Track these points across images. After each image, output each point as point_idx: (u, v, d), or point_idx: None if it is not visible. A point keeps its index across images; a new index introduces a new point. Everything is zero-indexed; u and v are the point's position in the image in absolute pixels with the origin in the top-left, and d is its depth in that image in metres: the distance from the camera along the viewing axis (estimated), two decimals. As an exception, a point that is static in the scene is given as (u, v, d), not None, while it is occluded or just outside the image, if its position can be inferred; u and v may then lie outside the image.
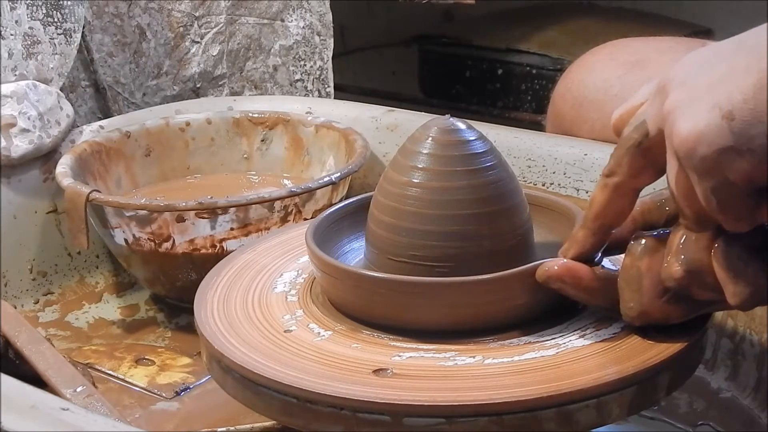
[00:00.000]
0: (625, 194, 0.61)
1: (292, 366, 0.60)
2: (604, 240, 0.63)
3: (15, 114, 0.99)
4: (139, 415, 0.81)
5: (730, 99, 0.51)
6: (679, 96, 0.54)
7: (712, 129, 0.52)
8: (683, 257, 0.57)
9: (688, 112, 0.53)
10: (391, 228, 0.66)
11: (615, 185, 0.60)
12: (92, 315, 0.99)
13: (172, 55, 1.22)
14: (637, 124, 0.59)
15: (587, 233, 0.62)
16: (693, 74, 0.55)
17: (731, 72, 0.52)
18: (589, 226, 0.62)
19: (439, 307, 0.62)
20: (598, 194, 0.61)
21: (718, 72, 0.53)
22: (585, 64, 1.00)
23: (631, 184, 0.60)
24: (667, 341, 0.61)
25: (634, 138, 0.59)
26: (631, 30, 1.24)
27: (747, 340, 0.81)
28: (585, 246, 0.63)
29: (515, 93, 1.74)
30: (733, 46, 0.54)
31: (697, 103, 0.53)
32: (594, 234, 0.62)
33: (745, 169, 0.52)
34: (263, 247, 0.77)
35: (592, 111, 0.96)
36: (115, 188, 1.03)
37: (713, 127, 0.52)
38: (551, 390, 0.57)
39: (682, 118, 0.53)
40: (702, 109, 0.52)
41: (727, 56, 0.53)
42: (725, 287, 0.56)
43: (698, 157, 0.53)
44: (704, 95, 0.53)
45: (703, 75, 0.54)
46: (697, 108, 0.53)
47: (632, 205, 0.62)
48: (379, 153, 1.05)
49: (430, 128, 0.67)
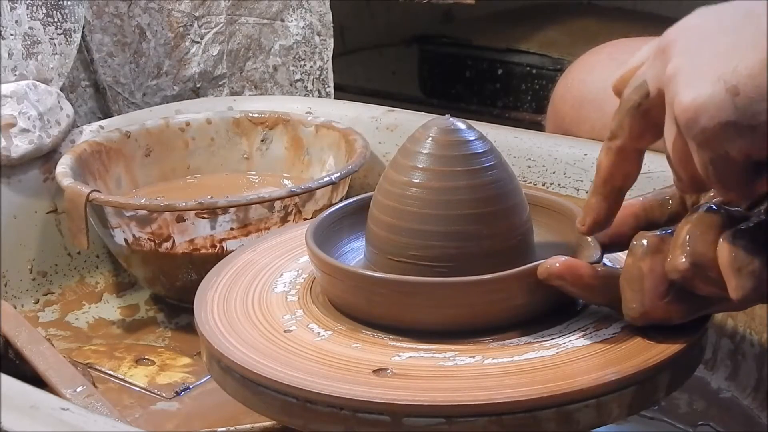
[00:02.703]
0: (630, 156, 0.60)
1: (292, 366, 0.60)
2: (618, 204, 0.62)
3: (15, 114, 0.99)
4: (139, 415, 0.81)
5: (735, 73, 0.51)
6: (681, 62, 0.54)
7: (715, 102, 0.51)
8: (689, 249, 0.57)
9: (692, 80, 0.53)
10: (391, 228, 0.66)
11: (618, 148, 0.60)
12: (92, 315, 0.99)
13: (172, 55, 1.22)
14: (636, 84, 0.58)
15: (599, 198, 0.62)
16: (697, 40, 0.54)
17: (738, 44, 0.52)
18: (600, 191, 0.62)
19: (439, 307, 0.62)
20: (603, 158, 0.61)
21: (724, 42, 0.52)
22: (585, 64, 1.00)
23: (635, 145, 0.60)
24: (667, 341, 0.61)
25: (633, 99, 0.58)
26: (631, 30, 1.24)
27: (747, 340, 0.81)
28: (600, 212, 0.62)
29: (515, 93, 1.74)
30: (741, 13, 0.53)
31: (701, 72, 0.52)
32: (606, 198, 0.62)
33: (745, 145, 0.52)
34: (263, 247, 0.77)
35: (591, 111, 0.96)
36: (115, 188, 1.03)
37: (716, 100, 0.51)
38: (551, 390, 0.57)
39: (684, 86, 0.53)
40: (706, 80, 0.52)
41: (735, 25, 0.53)
42: (728, 281, 0.56)
43: (699, 128, 0.52)
44: (708, 65, 0.52)
45: (708, 42, 0.53)
46: (701, 78, 0.52)
47: (638, 165, 0.61)
48: (379, 153, 1.05)
49: (430, 128, 0.67)
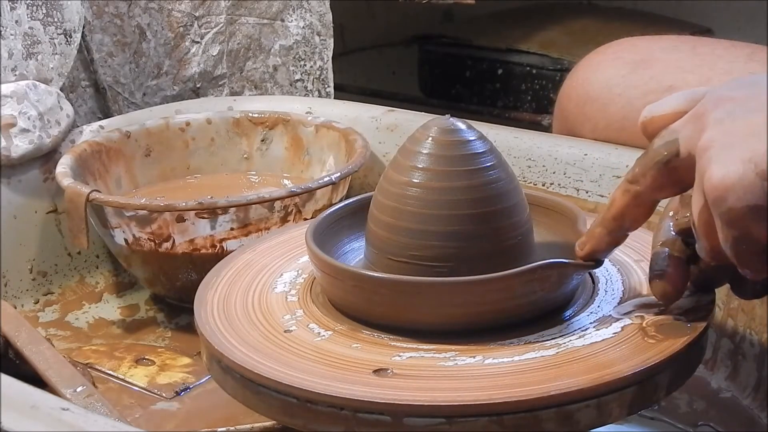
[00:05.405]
0: (644, 203, 0.62)
1: (292, 366, 0.60)
2: (620, 240, 0.64)
3: (15, 114, 0.99)
4: (139, 415, 0.81)
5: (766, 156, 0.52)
6: (715, 135, 0.55)
7: (744, 184, 0.52)
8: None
9: (723, 158, 0.54)
10: (391, 228, 0.66)
11: (636, 193, 0.61)
12: (92, 315, 0.99)
13: (172, 55, 1.22)
14: (668, 140, 0.59)
15: (604, 232, 0.63)
16: (732, 114, 0.55)
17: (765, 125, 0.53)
18: (606, 225, 0.63)
19: (439, 307, 0.62)
20: (618, 197, 0.62)
21: (758, 120, 0.54)
22: (590, 62, 1.01)
23: (653, 195, 0.61)
24: (667, 341, 0.61)
25: (663, 154, 0.59)
26: (631, 30, 1.24)
27: (747, 340, 0.81)
28: (601, 244, 0.64)
29: (515, 93, 1.74)
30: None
31: (733, 150, 0.53)
32: (609, 233, 0.63)
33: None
34: (263, 247, 0.77)
35: (595, 110, 0.96)
36: (115, 188, 1.03)
37: (746, 182, 0.52)
38: (551, 390, 0.57)
39: (716, 162, 0.54)
40: (736, 159, 0.53)
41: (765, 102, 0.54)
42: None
43: (726, 207, 0.53)
44: (741, 144, 0.53)
45: (743, 118, 0.55)
46: (732, 156, 0.53)
47: (650, 213, 0.62)
48: (379, 153, 1.05)
49: (430, 128, 0.67)
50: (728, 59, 0.91)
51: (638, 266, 0.70)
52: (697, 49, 0.94)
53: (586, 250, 0.64)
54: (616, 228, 0.63)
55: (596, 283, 0.69)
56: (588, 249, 0.64)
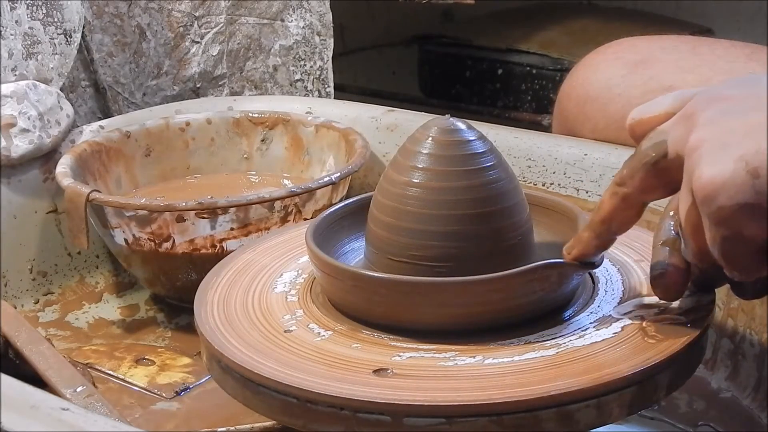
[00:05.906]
0: (633, 206, 0.61)
1: (292, 366, 0.60)
2: (609, 244, 0.63)
3: (15, 114, 0.99)
4: (139, 415, 0.81)
5: (758, 155, 0.51)
6: (705, 134, 0.54)
7: (735, 182, 0.52)
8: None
9: (713, 157, 0.53)
10: (391, 228, 0.66)
11: (624, 195, 0.60)
12: (92, 315, 0.99)
13: (172, 55, 1.22)
14: (656, 141, 0.59)
15: (592, 235, 0.63)
16: (724, 113, 0.54)
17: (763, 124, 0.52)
18: (595, 228, 0.62)
19: (439, 307, 0.62)
20: (607, 200, 0.61)
21: (751, 121, 0.53)
22: (590, 62, 1.01)
23: (641, 197, 0.61)
24: (667, 341, 0.61)
25: (651, 155, 0.59)
26: (631, 30, 1.24)
27: (747, 340, 0.81)
28: (589, 248, 0.63)
29: (515, 93, 1.74)
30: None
31: (724, 149, 0.53)
32: (598, 237, 0.63)
33: (760, 227, 0.52)
34: (263, 247, 0.77)
35: (595, 110, 0.96)
36: (115, 188, 1.03)
37: (737, 180, 0.52)
38: (551, 390, 0.57)
39: (705, 161, 0.53)
40: (727, 159, 0.52)
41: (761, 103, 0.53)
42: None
43: (716, 206, 0.52)
44: (732, 143, 0.53)
45: (734, 118, 0.54)
46: (723, 155, 0.52)
47: (638, 216, 0.62)
48: (379, 153, 1.05)
49: (430, 128, 0.67)
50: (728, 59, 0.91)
51: (638, 266, 0.70)
52: (697, 49, 0.94)
53: (573, 254, 0.63)
54: (604, 231, 0.62)
55: (596, 283, 0.69)
56: (575, 253, 0.63)
